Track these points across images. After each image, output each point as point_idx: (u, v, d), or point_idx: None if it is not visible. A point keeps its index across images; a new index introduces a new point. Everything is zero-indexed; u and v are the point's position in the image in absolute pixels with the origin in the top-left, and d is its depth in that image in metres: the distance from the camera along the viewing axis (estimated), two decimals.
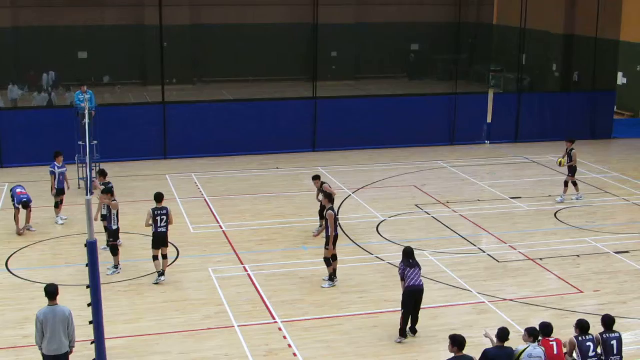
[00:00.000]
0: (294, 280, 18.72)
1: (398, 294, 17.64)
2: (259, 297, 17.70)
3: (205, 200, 25.40)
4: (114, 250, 19.07)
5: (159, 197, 18.89)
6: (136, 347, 15.43)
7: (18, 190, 21.95)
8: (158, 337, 15.88)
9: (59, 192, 22.64)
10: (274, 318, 16.68)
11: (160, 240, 18.50)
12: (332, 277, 18.41)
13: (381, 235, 22.00)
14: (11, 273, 19.08)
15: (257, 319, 16.66)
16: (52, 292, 13.12)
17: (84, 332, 14.29)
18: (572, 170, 25.39)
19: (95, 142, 26.00)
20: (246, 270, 19.29)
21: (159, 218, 18.45)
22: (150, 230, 18.71)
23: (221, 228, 22.55)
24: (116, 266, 19.09)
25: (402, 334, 15.74)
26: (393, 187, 27.10)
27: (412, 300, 15.58)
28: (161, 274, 18.53)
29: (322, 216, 21.66)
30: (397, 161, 30.72)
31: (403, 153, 31.97)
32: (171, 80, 37.10)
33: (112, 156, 28.29)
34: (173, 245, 20.79)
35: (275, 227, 22.65)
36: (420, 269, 15.73)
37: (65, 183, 22.87)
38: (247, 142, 31.42)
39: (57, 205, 22.75)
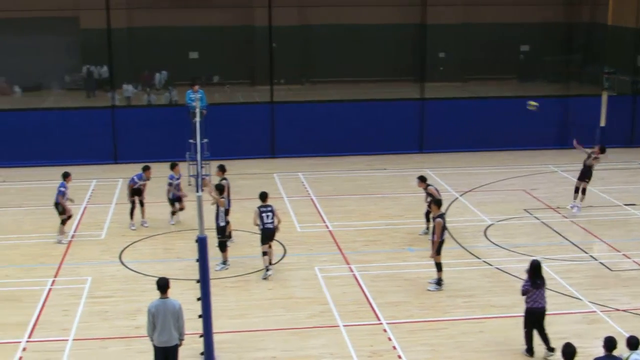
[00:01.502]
0: (399, 282, 18.62)
1: (505, 299, 17.45)
2: (364, 298, 17.68)
3: (312, 199, 25.54)
4: (222, 246, 19.32)
5: (263, 196, 19.24)
6: (242, 342, 15.61)
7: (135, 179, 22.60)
8: (263, 333, 16.03)
9: (175, 200, 22.95)
10: (378, 319, 16.63)
11: (268, 236, 18.72)
12: (439, 281, 18.20)
13: (489, 240, 21.68)
14: (124, 266, 19.60)
15: (363, 319, 16.64)
16: (163, 285, 13.40)
17: (192, 325, 14.56)
18: None
19: (206, 140, 26.44)
20: (352, 271, 19.30)
21: (264, 215, 18.68)
22: (258, 228, 18.95)
23: (327, 228, 22.63)
24: (225, 262, 19.38)
25: (529, 352, 15.19)
26: (501, 191, 26.68)
27: (532, 320, 15.08)
28: (268, 268, 18.71)
29: (428, 218, 21.51)
30: (505, 164, 30.26)
31: (511, 156, 31.46)
32: (279, 80, 37.47)
33: (222, 154, 28.72)
34: (280, 243, 21.00)
35: (381, 228, 22.60)
36: (545, 288, 15.11)
37: (181, 191, 23.17)
38: (355, 142, 31.44)
39: (174, 213, 23.12)
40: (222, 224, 19.37)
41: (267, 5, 31.62)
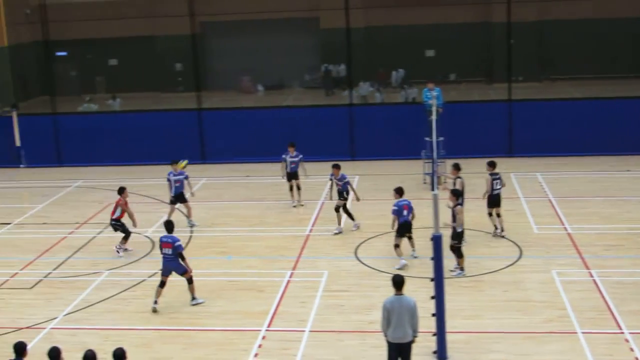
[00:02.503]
0: None
1: None
2: (604, 305, 16.98)
3: (550, 200, 24.87)
4: (458, 252, 18.95)
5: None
6: (475, 343, 15.47)
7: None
8: (497, 335, 15.79)
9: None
10: (620, 328, 15.89)
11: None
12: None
13: None
14: (359, 261, 19.98)
15: (602, 327, 15.97)
16: (399, 282, 13.51)
17: (425, 323, 14.60)
18: None
19: (441, 138, 26.42)
20: (591, 276, 18.59)
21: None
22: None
23: (566, 230, 21.94)
24: (462, 268, 18.90)
25: None
26: None
27: None
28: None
29: None
30: None
31: None
32: (517, 77, 36.78)
33: (457, 152, 28.57)
34: (515, 244, 20.66)
35: (623, 232, 21.60)
36: None
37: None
38: (595, 142, 30.19)
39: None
40: (459, 229, 18.83)
41: (506, 0, 31.09)
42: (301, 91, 45.30)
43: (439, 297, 14.39)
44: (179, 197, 23.28)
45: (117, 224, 21.32)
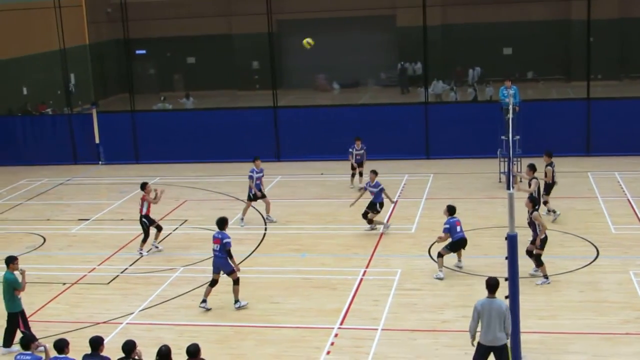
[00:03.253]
0: None
1: None
2: None
3: (629, 200, 24.39)
4: (538, 260, 18.26)
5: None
6: (550, 343, 15.28)
7: None
8: (573, 336, 15.57)
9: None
10: None
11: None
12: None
13: None
14: (433, 260, 19.84)
15: None
16: (494, 285, 13.41)
17: None
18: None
19: (518, 137, 26.15)
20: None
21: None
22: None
23: None
24: (546, 276, 18.21)
25: None
26: None
27: None
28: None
29: None
30: None
31: None
32: (596, 76, 36.13)
33: (534, 152, 28.19)
34: (592, 244, 20.34)
35: None
36: None
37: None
38: None
39: None
40: (543, 236, 18.04)
41: None
42: (377, 89, 45.26)
43: (513, 296, 14.23)
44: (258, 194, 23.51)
45: (145, 221, 21.45)
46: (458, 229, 18.87)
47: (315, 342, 15.85)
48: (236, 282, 17.54)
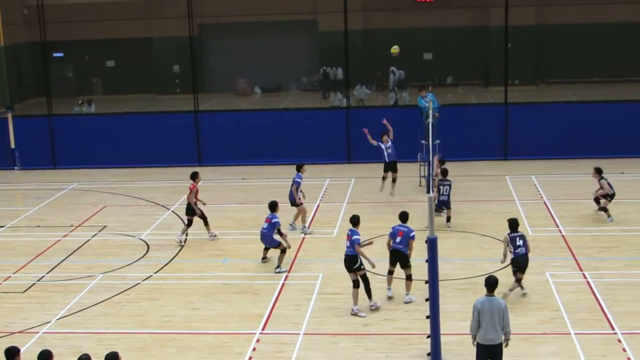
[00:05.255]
0: (636, 291, 17.76)
1: None
2: (597, 306, 17.01)
3: (545, 202, 24.91)
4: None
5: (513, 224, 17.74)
6: (469, 345, 15.32)
7: None
8: None
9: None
10: (613, 329, 15.94)
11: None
12: None
13: None
14: None
15: (596, 328, 16.02)
16: (493, 283, 13.56)
17: (420, 326, 14.63)
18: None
19: (437, 141, 26.47)
20: (585, 277, 18.63)
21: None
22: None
23: (560, 232, 21.98)
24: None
25: None
26: None
27: None
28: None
29: None
30: None
31: None
32: (514, 81, 36.80)
33: (453, 155, 28.62)
34: None
35: (618, 234, 21.65)
36: None
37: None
38: (590, 145, 30.27)
39: None
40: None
41: (504, 5, 31.16)
42: (298, 93, 45.32)
43: (433, 299, 14.39)
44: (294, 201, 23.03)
45: (192, 208, 21.85)
46: (398, 239, 17.63)
47: (236, 347, 15.75)
48: (283, 251, 19.75)
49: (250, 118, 32.92)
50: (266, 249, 20.35)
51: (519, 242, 17.40)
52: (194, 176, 22.25)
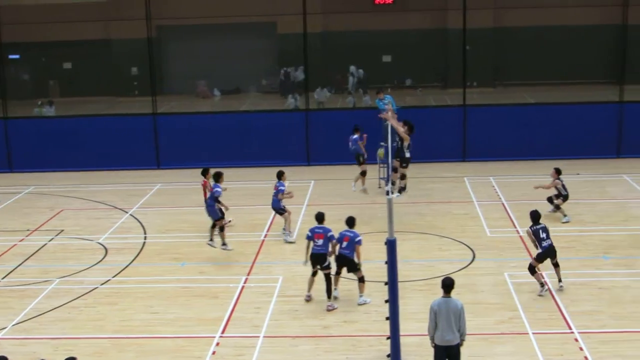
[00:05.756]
0: (592, 290, 17.99)
1: None
2: (554, 306, 17.20)
3: (503, 204, 25.12)
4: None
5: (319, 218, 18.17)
6: (428, 345, 15.38)
7: None
8: None
9: None
10: (570, 328, 16.13)
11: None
12: None
13: None
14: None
15: (553, 327, 16.20)
16: (449, 285, 13.60)
17: (380, 327, 14.67)
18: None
19: (396, 143, 26.50)
20: (542, 277, 18.79)
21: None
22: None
23: (518, 233, 22.17)
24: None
25: None
26: None
27: None
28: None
29: None
30: None
31: None
32: (472, 83, 37.04)
33: (412, 157, 28.72)
34: (469, 247, 20.86)
35: (574, 234, 21.89)
36: None
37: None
38: (548, 146, 30.65)
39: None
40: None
41: (462, 7, 31.39)
42: (258, 96, 45.19)
43: (392, 300, 14.42)
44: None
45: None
46: (344, 244, 17.67)
47: (196, 351, 15.68)
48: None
49: (209, 120, 32.79)
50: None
51: (543, 235, 17.73)
52: (205, 172, 22.83)
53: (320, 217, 18.05)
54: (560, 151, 30.32)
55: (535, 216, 18.10)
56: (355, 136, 25.48)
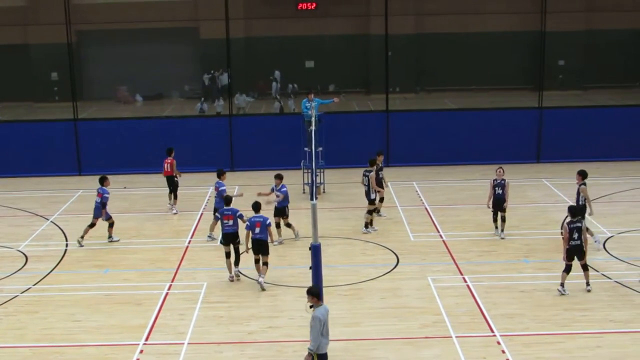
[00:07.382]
0: (514, 294, 18.29)
1: (624, 314, 16.99)
2: (477, 309, 17.45)
3: (426, 208, 25.40)
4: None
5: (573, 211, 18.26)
6: (354, 350, 15.63)
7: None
8: (375, 342, 15.99)
9: None
10: (492, 331, 16.37)
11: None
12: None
13: (608, 252, 21.07)
14: (240, 272, 19.77)
15: (476, 330, 16.42)
16: (319, 293, 13.61)
17: (304, 333, 14.64)
18: None
19: (320, 148, 26.63)
20: (465, 281, 19.07)
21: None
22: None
23: (441, 237, 22.45)
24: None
25: None
26: (623, 202, 25.93)
27: None
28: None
29: None
30: (627, 175, 29.35)
31: (634, 166, 30.48)
32: (394, 88, 37.41)
33: (336, 162, 28.90)
34: (393, 252, 21.02)
35: (496, 238, 22.23)
36: None
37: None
38: (470, 151, 31.15)
39: None
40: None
41: (384, 14, 31.68)
42: (180, 101, 44.84)
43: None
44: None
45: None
46: (257, 230, 18.81)
47: (119, 359, 15.46)
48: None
49: (131, 126, 32.36)
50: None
51: (575, 235, 17.81)
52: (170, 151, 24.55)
53: (256, 207, 19.35)
54: (482, 156, 30.84)
55: (573, 211, 18.22)
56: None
